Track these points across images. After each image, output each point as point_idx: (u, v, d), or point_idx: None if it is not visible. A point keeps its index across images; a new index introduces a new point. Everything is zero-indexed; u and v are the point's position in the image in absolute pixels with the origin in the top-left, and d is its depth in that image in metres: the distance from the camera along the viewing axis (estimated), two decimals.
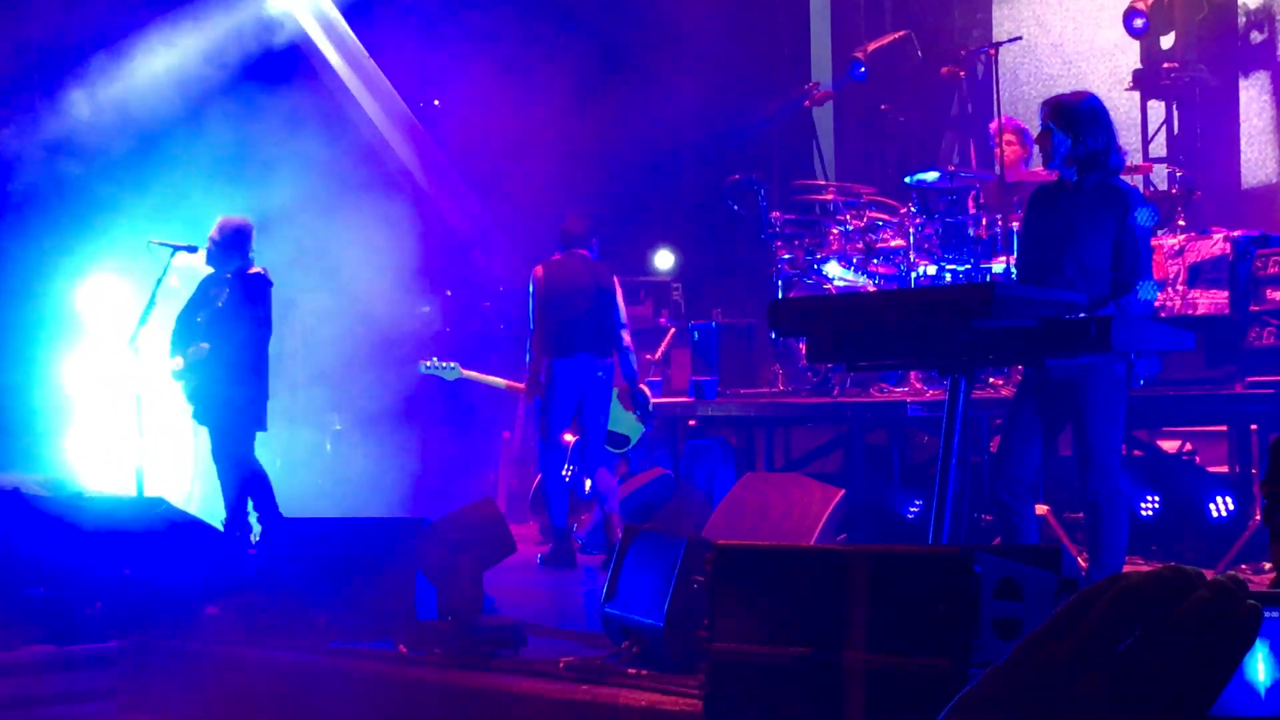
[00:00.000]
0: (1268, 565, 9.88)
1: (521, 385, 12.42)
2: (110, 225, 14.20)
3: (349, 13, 17.17)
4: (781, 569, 5.45)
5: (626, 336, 12.12)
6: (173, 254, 11.86)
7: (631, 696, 7.03)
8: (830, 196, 13.28)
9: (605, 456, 12.22)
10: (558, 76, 16.45)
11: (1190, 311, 11.23)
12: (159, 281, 11.72)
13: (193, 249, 11.93)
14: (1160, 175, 13.86)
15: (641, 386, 12.34)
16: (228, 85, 15.29)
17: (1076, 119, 7.81)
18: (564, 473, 12.32)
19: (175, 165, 14.43)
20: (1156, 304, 9.10)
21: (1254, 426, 10.85)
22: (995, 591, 5.02)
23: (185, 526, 10.31)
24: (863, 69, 15.13)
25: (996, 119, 12.50)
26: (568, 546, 11.97)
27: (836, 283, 12.86)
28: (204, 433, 11.99)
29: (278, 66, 15.98)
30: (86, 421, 14.26)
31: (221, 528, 11.48)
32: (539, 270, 12.13)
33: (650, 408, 12.42)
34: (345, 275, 16.17)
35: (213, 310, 11.89)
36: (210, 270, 12.00)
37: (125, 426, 12.16)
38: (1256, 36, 14.28)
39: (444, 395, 15.77)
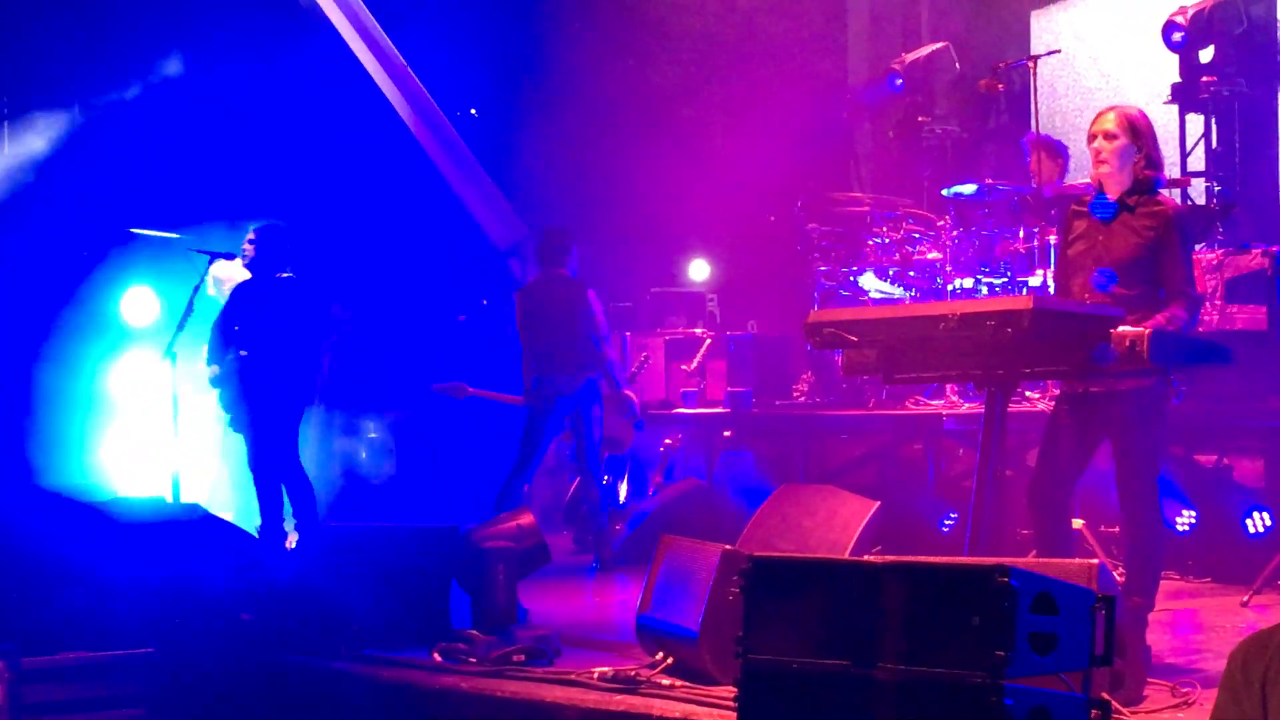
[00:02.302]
0: None
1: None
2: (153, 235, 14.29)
3: (386, 20, 17.21)
4: (816, 581, 5.45)
5: (607, 349, 12.13)
6: (210, 261, 11.91)
7: (666, 707, 7.03)
8: (867, 209, 13.27)
9: (598, 471, 12.29)
10: (593, 86, 16.48)
11: (1228, 327, 11.19)
12: (196, 289, 11.77)
13: (230, 256, 11.99)
14: (1198, 189, 13.80)
15: (627, 393, 12.33)
16: (266, 92, 15.35)
17: (1144, 132, 7.79)
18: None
19: (212, 173, 14.49)
20: None
21: None
22: (1031, 606, 5.00)
23: (221, 533, 10.34)
24: (900, 81, 15.12)
25: (1028, 133, 12.49)
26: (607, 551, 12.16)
27: (873, 295, 12.86)
28: (241, 439, 12.04)
29: (316, 74, 16.03)
30: (125, 427, 14.31)
31: (256, 534, 11.52)
32: (516, 296, 12.38)
33: (638, 412, 12.43)
34: (383, 283, 16.22)
35: (249, 317, 11.95)
36: (248, 276, 12.06)
37: (162, 432, 12.21)
38: None
39: (478, 403, 15.79)
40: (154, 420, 13.36)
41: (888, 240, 12.98)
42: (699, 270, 17.23)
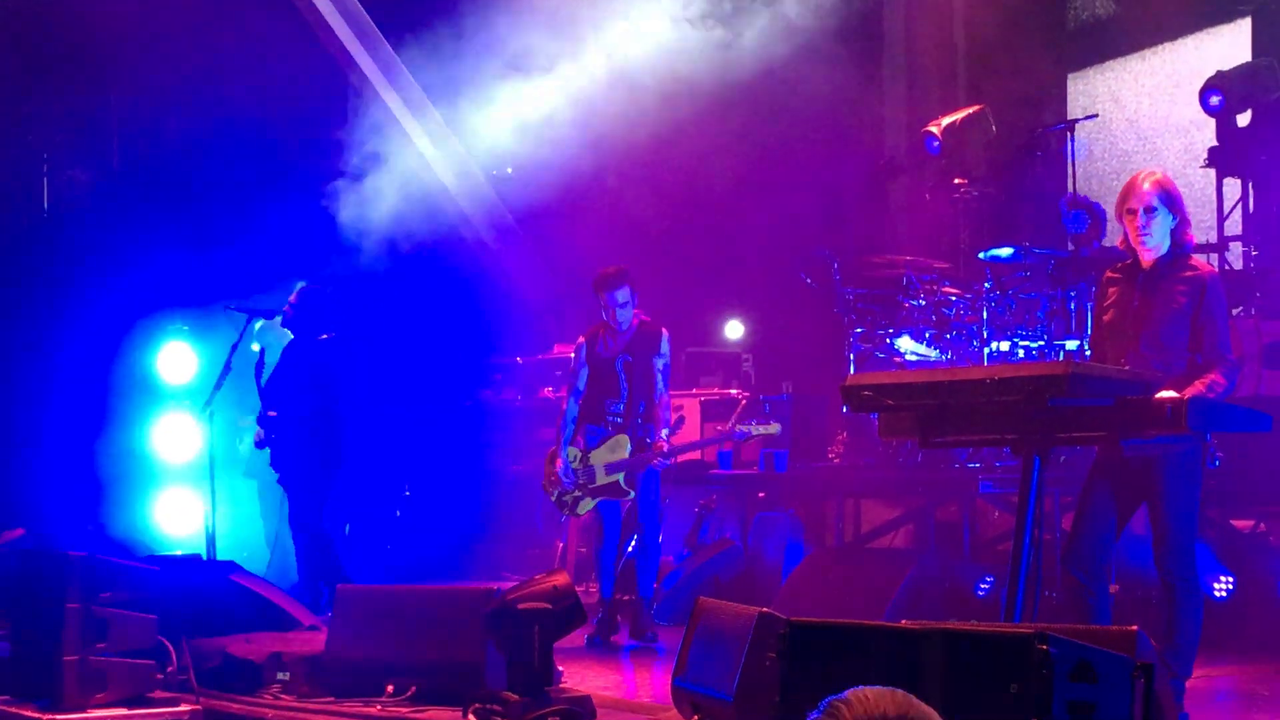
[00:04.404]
0: None
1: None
2: (189, 291, 14.35)
3: (425, 81, 17.31)
4: (854, 646, 5.44)
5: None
6: (248, 320, 11.96)
7: None
8: (902, 271, 13.26)
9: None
10: (629, 147, 16.53)
11: (1266, 392, 11.15)
12: (234, 347, 11.82)
13: (269, 315, 12.04)
14: (1236, 254, 13.78)
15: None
16: (299, 150, 15.44)
17: (1177, 197, 7.81)
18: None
19: (251, 231, 14.57)
20: None
21: None
22: (1070, 673, 4.99)
23: (256, 591, 10.36)
24: (937, 143, 15.14)
25: (1066, 195, 12.48)
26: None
27: (909, 357, 12.84)
28: (281, 496, 12.09)
29: (353, 133, 16.11)
30: (163, 484, 14.35)
31: (293, 592, 11.53)
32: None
33: None
34: (418, 342, 16.27)
35: (285, 377, 12.02)
36: (291, 336, 12.14)
37: (200, 489, 12.25)
38: None
39: (514, 462, 15.80)
40: (192, 477, 13.42)
41: (924, 302, 12.97)
42: (734, 330, 17.24)
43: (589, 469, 11.49)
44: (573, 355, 11.83)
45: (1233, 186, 14.24)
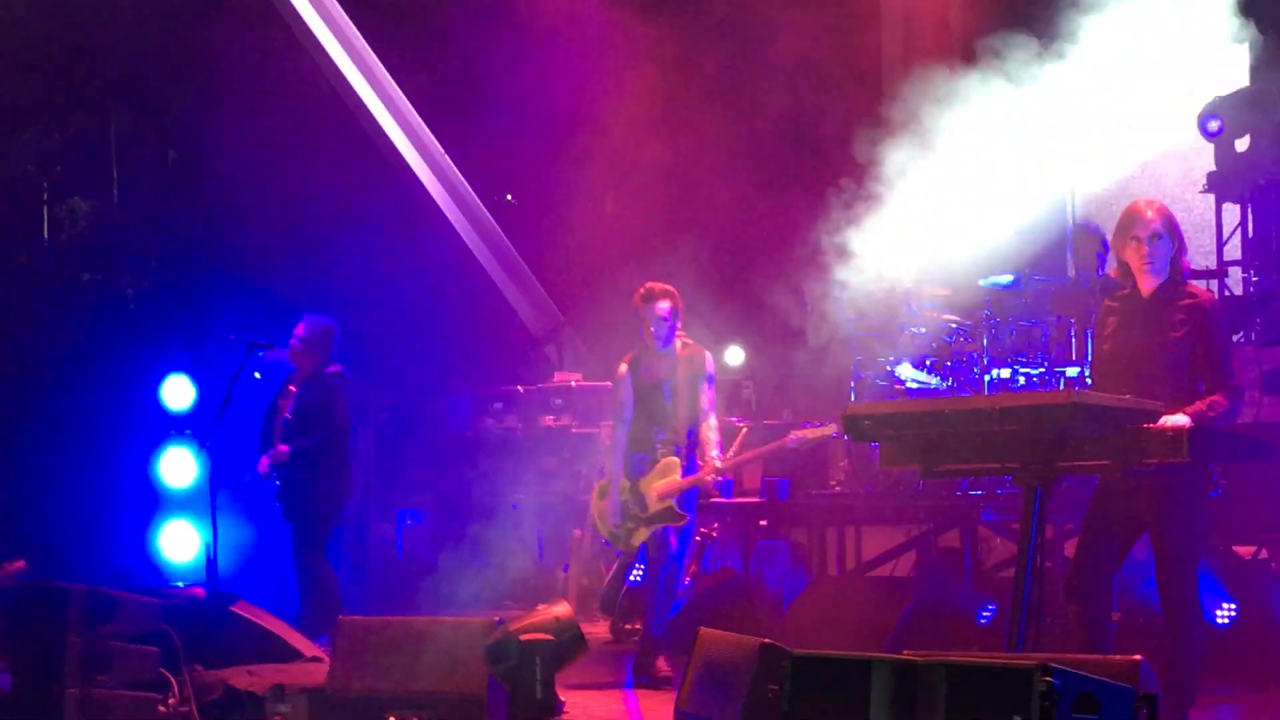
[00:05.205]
0: None
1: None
2: (192, 322, 14.36)
3: (424, 109, 17.34)
4: (858, 678, 5.43)
5: None
6: (250, 351, 11.96)
7: None
8: (903, 298, 13.23)
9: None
10: (628, 174, 16.55)
11: (1266, 419, 11.14)
12: (235, 378, 11.81)
13: (271, 346, 12.04)
14: (1235, 279, 13.77)
15: None
16: (303, 181, 15.46)
17: (1177, 226, 7.83)
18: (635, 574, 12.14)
19: (256, 265, 14.59)
20: None
21: None
22: (1073, 705, 4.98)
23: (258, 622, 10.36)
24: None
25: (1070, 225, 12.47)
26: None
27: (909, 384, 12.82)
28: (282, 528, 12.09)
29: (354, 164, 16.13)
30: (165, 514, 14.34)
31: (295, 623, 11.52)
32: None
33: None
34: (418, 370, 16.26)
35: (291, 411, 12.02)
36: (294, 367, 12.14)
37: (202, 519, 12.25)
38: None
39: (516, 491, 15.78)
40: (196, 507, 13.42)
41: (924, 329, 12.95)
42: (734, 356, 17.22)
43: (640, 497, 11.10)
44: (616, 385, 11.44)
45: (1232, 212, 14.22)
